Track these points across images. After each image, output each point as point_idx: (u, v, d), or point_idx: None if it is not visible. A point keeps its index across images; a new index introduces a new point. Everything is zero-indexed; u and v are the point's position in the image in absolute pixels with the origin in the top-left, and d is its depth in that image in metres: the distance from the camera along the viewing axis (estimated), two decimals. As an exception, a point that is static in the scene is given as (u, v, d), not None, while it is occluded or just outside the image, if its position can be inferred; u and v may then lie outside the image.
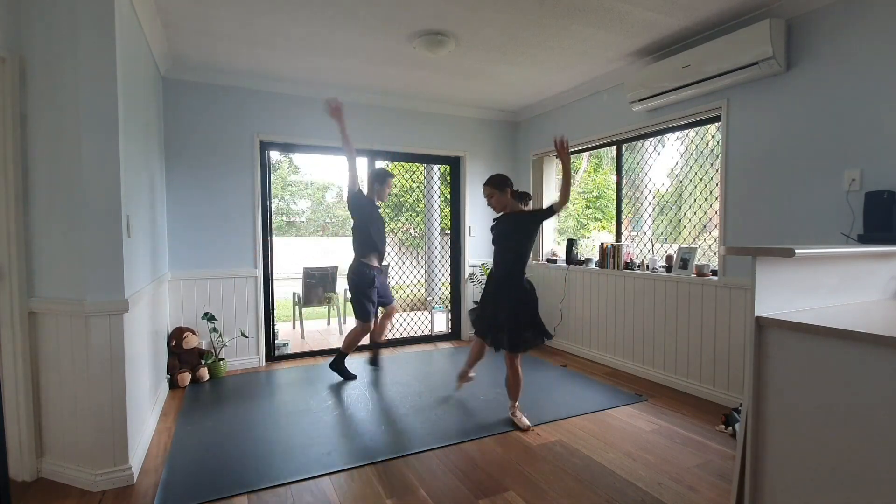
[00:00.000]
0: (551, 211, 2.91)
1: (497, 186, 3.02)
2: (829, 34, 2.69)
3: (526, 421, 2.93)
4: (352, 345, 3.81)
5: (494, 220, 3.13)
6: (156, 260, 3.32)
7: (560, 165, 3.24)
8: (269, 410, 3.21)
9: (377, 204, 3.73)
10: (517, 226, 2.99)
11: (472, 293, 5.22)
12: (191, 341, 3.82)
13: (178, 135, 3.93)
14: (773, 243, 2.93)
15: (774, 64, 2.81)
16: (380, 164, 4.91)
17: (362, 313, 3.67)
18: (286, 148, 4.49)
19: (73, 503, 2.12)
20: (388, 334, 4.30)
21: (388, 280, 5.48)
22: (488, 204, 3.08)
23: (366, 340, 3.91)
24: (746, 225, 3.14)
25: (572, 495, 2.18)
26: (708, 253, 3.80)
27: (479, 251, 5.30)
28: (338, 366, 3.84)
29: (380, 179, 3.71)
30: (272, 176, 4.43)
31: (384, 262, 3.97)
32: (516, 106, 5.13)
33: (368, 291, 3.64)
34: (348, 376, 3.85)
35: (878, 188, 2.47)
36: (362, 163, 4.81)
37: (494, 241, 3.08)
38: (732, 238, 3.22)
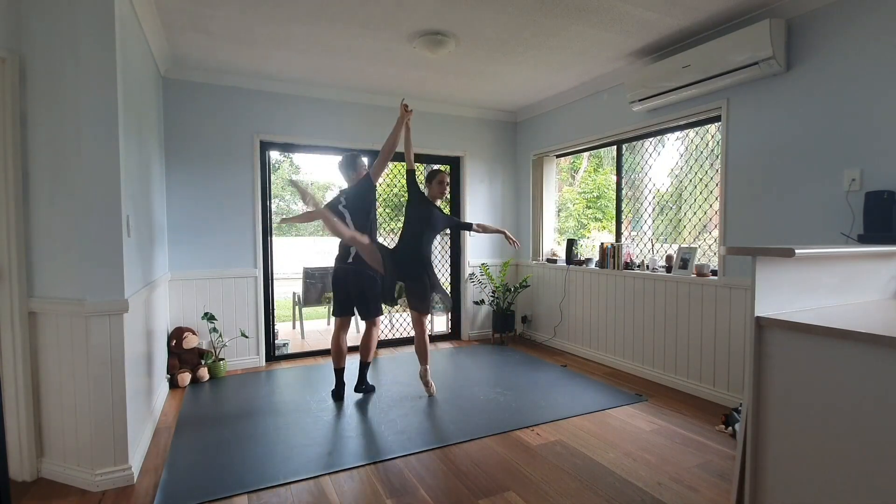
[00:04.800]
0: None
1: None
2: (829, 34, 2.69)
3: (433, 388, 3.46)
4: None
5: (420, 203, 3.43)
6: (156, 260, 3.31)
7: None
8: (269, 410, 3.21)
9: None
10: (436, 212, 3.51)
11: (473, 293, 5.22)
12: (191, 341, 3.82)
13: (178, 135, 3.93)
14: (773, 243, 2.93)
15: (774, 64, 2.81)
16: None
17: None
18: (286, 148, 4.49)
19: (73, 503, 2.13)
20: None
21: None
22: (444, 193, 3.51)
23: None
24: (746, 225, 3.14)
25: (572, 495, 2.18)
26: (708, 253, 3.79)
27: (479, 251, 5.30)
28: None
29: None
30: (272, 176, 4.43)
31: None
32: (516, 106, 5.13)
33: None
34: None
35: (878, 188, 2.47)
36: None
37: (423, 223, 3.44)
38: (732, 238, 3.22)
